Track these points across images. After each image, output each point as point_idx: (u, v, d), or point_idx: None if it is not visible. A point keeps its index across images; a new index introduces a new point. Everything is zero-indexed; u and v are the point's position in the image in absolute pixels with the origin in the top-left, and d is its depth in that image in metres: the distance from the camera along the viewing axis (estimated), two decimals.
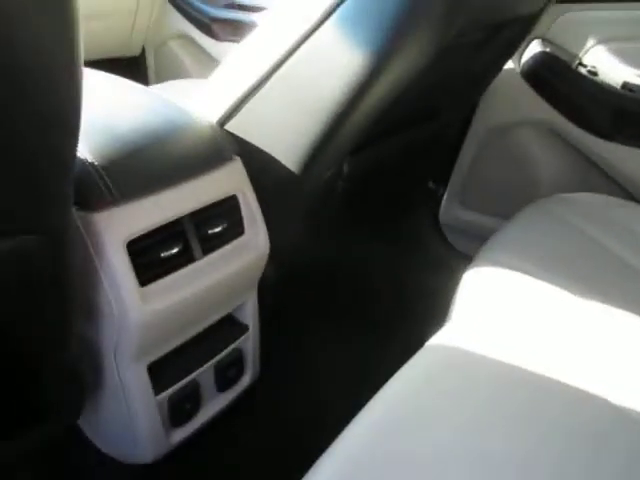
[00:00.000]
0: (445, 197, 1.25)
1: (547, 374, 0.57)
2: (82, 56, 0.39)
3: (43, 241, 0.47)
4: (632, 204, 1.00)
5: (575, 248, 0.82)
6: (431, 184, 1.24)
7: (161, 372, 0.71)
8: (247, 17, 1.26)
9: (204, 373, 0.77)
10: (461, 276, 0.80)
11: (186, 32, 1.34)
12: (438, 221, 1.27)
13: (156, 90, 0.88)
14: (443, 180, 1.23)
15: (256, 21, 1.26)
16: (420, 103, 0.90)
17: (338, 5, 0.63)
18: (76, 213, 0.58)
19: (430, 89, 0.86)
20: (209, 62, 1.33)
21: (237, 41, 1.29)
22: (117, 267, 0.59)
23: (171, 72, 1.39)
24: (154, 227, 0.63)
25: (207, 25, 1.28)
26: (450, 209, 1.25)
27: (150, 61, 1.46)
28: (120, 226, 0.60)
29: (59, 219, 0.48)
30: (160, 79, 1.42)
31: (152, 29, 1.39)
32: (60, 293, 0.54)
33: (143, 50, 1.49)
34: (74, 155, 0.47)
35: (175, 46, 1.38)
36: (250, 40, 0.73)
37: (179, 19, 1.33)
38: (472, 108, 1.14)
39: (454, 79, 0.94)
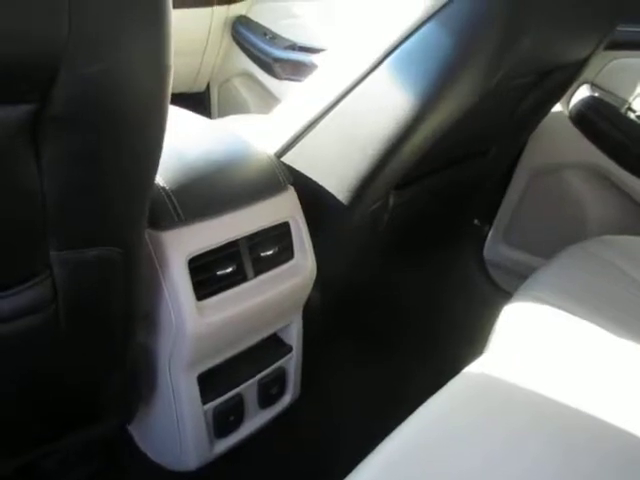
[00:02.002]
0: (490, 234, 1.27)
1: (579, 407, 0.59)
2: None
3: (121, 254, 0.53)
4: None
5: (616, 289, 0.83)
6: (477, 221, 1.26)
7: (209, 383, 0.76)
8: (307, 58, 1.34)
9: (248, 388, 0.81)
10: (501, 311, 0.82)
11: (249, 70, 1.44)
12: (482, 257, 1.28)
13: (219, 123, 0.96)
14: (489, 218, 1.25)
15: (315, 62, 1.35)
16: (468, 142, 0.94)
17: (391, 52, 0.68)
18: (146, 231, 0.65)
19: (478, 129, 0.90)
20: (269, 99, 1.42)
21: (297, 80, 1.38)
22: (179, 282, 0.66)
23: (233, 107, 1.49)
24: (213, 247, 0.69)
25: (269, 64, 1.37)
26: (495, 246, 1.27)
27: (214, 96, 1.57)
28: (184, 245, 0.66)
29: (137, 236, 0.55)
30: (222, 114, 1.52)
31: (217, 67, 1.50)
32: (129, 303, 0.61)
33: (208, 86, 1.60)
34: (154, 181, 0.53)
35: (238, 83, 1.49)
36: (309, 81, 0.79)
37: (243, 58, 1.43)
38: (520, 148, 1.17)
39: (502, 120, 0.97)
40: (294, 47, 1.38)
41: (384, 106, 0.70)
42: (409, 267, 1.14)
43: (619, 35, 0.97)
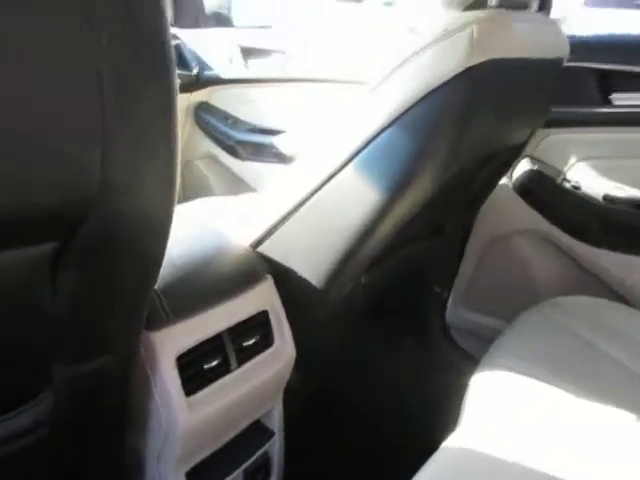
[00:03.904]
0: (450, 300, 1.34)
1: (553, 474, 0.63)
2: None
3: (119, 360, 0.55)
4: (623, 306, 1.08)
5: (572, 351, 0.90)
6: (437, 288, 1.33)
7: (197, 479, 0.77)
8: (267, 139, 1.42)
9: (234, 479, 0.82)
10: (468, 378, 0.87)
11: (212, 152, 1.50)
12: (445, 323, 1.35)
13: (189, 208, 0.99)
14: (448, 284, 1.33)
15: (275, 143, 1.42)
16: (428, 221, 1.01)
17: (358, 152, 0.75)
18: None
19: (437, 210, 0.98)
20: (232, 179, 1.48)
21: (259, 160, 1.45)
22: (168, 380, 0.67)
23: (197, 188, 1.53)
24: (199, 342, 0.72)
25: (232, 147, 1.44)
26: (455, 311, 1.34)
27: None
28: (172, 343, 0.68)
29: (133, 341, 0.57)
30: (186, 194, 1.56)
31: (181, 150, 1.54)
32: (120, 406, 0.62)
33: None
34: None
35: (201, 164, 1.54)
36: (283, 175, 0.85)
37: (205, 141, 1.49)
38: (473, 219, 1.26)
39: (456, 198, 1.06)
40: (254, 130, 1.46)
41: (354, 200, 0.77)
42: (381, 341, 1.18)
43: (552, 115, 1.09)
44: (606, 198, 1.19)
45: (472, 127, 0.77)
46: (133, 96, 0.39)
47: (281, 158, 1.47)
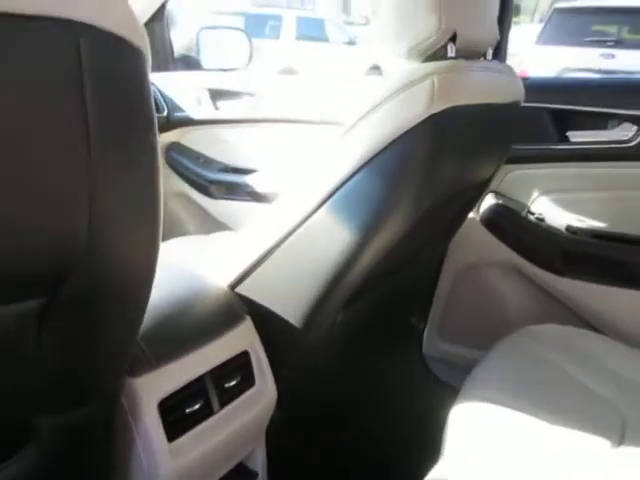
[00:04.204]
0: (426, 331, 1.36)
1: None
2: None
3: (103, 408, 0.55)
4: (590, 332, 1.12)
5: (546, 380, 0.93)
6: (414, 320, 1.36)
7: None
8: (240, 179, 1.44)
9: None
10: (448, 409, 0.88)
11: (185, 192, 1.50)
12: (422, 353, 1.37)
13: (165, 248, 1.00)
14: (424, 315, 1.35)
15: (247, 182, 1.45)
16: (401, 257, 1.04)
17: (331, 195, 0.78)
18: None
19: (408, 245, 1.01)
20: (206, 218, 1.49)
21: (232, 199, 1.46)
22: (151, 427, 0.67)
23: (170, 226, 1.53)
24: (181, 386, 0.71)
25: (205, 186, 1.45)
26: (432, 342, 1.36)
27: None
28: (154, 389, 0.68)
29: (116, 388, 0.57)
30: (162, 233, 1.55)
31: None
32: (104, 454, 0.61)
33: None
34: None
35: (174, 204, 1.54)
36: (260, 217, 0.87)
37: (178, 181, 1.50)
38: (443, 253, 1.30)
39: (427, 234, 1.09)
40: (227, 169, 1.48)
41: (328, 241, 0.79)
42: (360, 375, 1.19)
43: (514, 152, 1.15)
44: (568, 229, 1.25)
45: (438, 169, 0.81)
46: (118, 159, 0.41)
47: (254, 196, 1.49)
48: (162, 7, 1.63)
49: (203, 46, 1.74)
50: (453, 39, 0.77)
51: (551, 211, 1.27)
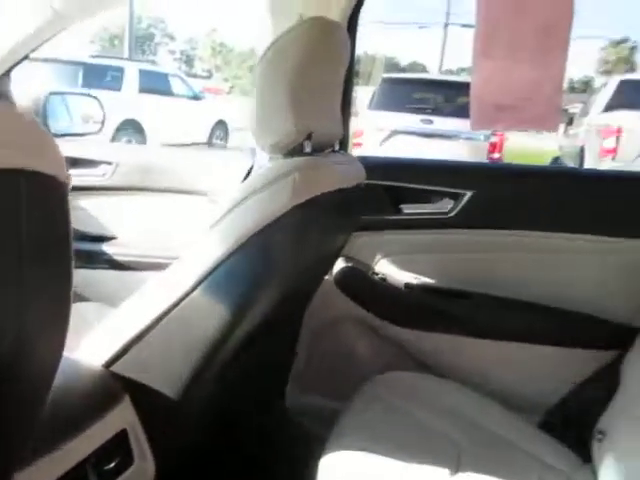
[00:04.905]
0: (289, 386, 1.45)
1: None
2: None
3: None
4: (430, 376, 1.30)
5: (399, 425, 1.07)
6: (277, 377, 1.44)
7: None
8: (98, 246, 1.43)
9: None
10: (316, 461, 0.98)
11: None
12: (285, 408, 1.45)
13: None
14: (286, 372, 1.44)
15: (105, 249, 1.44)
16: (267, 321, 1.13)
17: (205, 277, 0.85)
18: None
19: (273, 311, 1.11)
20: None
21: (91, 268, 1.44)
22: None
23: None
24: (61, 475, 0.71)
25: None
26: (294, 396, 1.45)
27: None
28: None
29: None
30: None
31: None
32: None
33: None
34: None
35: None
36: (135, 297, 0.90)
37: None
38: (303, 312, 1.41)
39: (290, 302, 1.20)
40: (84, 237, 1.46)
41: (203, 320, 0.86)
42: (230, 438, 1.24)
43: (361, 222, 1.32)
44: (406, 286, 1.45)
45: (301, 252, 0.94)
46: (45, 273, 0.45)
47: (112, 264, 1.49)
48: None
49: (52, 111, 1.71)
50: (309, 137, 0.91)
51: (391, 271, 1.46)
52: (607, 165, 5.58)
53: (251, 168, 1.46)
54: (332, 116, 1.01)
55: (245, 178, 1.49)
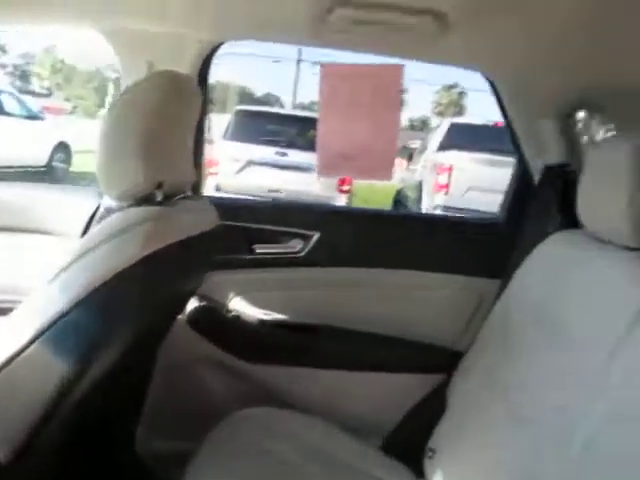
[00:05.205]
0: (139, 430, 1.40)
1: None
2: None
3: None
4: (287, 412, 1.35)
5: (255, 462, 1.10)
6: (127, 421, 1.38)
7: None
8: None
9: None
10: None
11: None
12: (135, 452, 1.40)
13: None
14: (136, 416, 1.39)
15: None
16: (114, 368, 1.10)
17: (48, 328, 0.80)
18: None
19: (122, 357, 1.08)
20: None
21: None
22: None
23: None
24: None
25: None
26: (145, 440, 1.41)
27: None
28: None
29: None
30: None
31: None
32: None
33: None
34: None
35: None
36: None
37: None
38: (154, 354, 1.39)
39: (139, 340, 1.18)
40: None
41: (45, 374, 0.81)
42: None
43: (216, 260, 1.34)
44: (260, 323, 1.50)
45: (153, 300, 0.93)
46: None
47: None
48: None
49: None
50: (160, 186, 0.92)
51: (245, 308, 1.50)
52: (441, 198, 6.25)
53: (98, 207, 1.42)
54: (183, 164, 1.04)
55: (91, 218, 1.44)
